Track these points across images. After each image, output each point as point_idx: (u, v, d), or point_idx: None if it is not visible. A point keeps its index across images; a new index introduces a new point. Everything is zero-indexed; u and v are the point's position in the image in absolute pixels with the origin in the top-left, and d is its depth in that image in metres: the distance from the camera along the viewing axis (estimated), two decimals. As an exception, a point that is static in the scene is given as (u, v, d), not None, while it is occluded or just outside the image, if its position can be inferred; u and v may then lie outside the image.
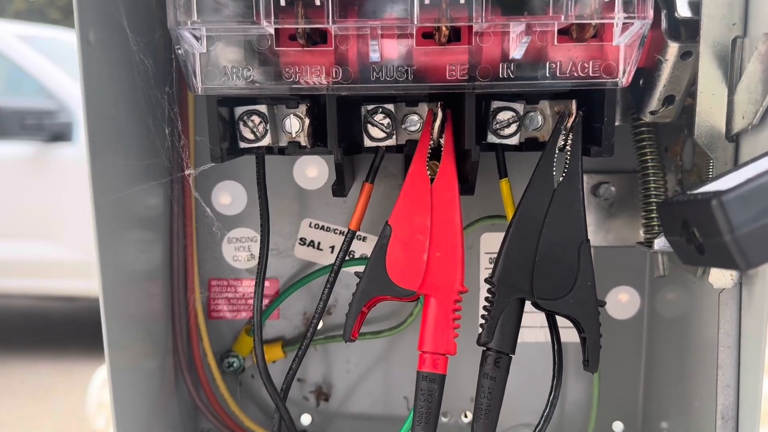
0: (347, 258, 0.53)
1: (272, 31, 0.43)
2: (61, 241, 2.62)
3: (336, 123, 0.48)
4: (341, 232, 0.64)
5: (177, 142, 0.51)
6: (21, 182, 2.65)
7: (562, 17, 0.42)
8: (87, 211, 0.44)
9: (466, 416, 0.68)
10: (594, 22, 0.42)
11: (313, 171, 0.62)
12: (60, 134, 2.63)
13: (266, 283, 0.64)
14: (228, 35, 0.44)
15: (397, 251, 0.47)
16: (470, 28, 0.43)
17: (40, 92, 2.72)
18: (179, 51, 0.43)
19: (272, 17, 0.42)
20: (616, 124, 0.53)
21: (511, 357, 0.46)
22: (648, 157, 0.54)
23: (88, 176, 0.43)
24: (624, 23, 0.42)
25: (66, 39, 3.30)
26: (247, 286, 0.65)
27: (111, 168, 0.47)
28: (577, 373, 0.67)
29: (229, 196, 0.63)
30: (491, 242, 0.64)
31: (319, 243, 0.64)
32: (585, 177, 0.61)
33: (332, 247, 0.64)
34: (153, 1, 0.48)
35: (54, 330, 3.23)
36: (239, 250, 0.64)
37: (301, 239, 0.64)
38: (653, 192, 0.54)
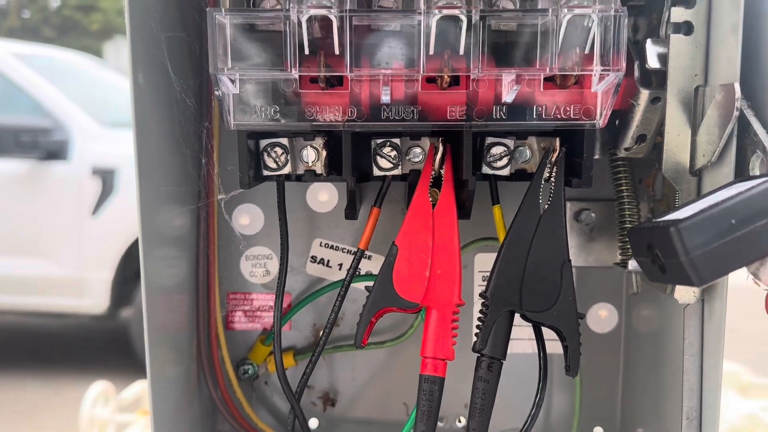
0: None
1: (297, 77, 0.50)
2: (54, 259, 2.64)
3: (350, 155, 0.54)
4: (348, 251, 0.70)
5: (212, 170, 0.57)
6: (14, 199, 2.68)
7: (548, 69, 0.49)
8: (80, 229, 0.49)
9: (459, 421, 0.73)
10: (575, 73, 0.49)
11: (324, 196, 0.68)
12: (55, 152, 2.64)
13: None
14: (259, 80, 0.50)
15: (403, 268, 0.53)
16: (468, 75, 0.50)
17: (36, 110, 2.74)
18: (217, 92, 0.50)
19: (298, 65, 0.49)
20: (596, 157, 0.60)
21: (502, 362, 0.53)
22: (623, 187, 0.61)
23: (137, 199, 0.50)
24: (601, 74, 0.49)
25: (61, 57, 3.35)
26: (262, 300, 0.70)
27: (154, 192, 0.53)
28: (561, 384, 0.73)
29: (248, 218, 0.69)
30: (484, 262, 0.70)
31: (328, 261, 0.70)
32: (568, 204, 0.67)
33: (340, 265, 0.70)
34: (197, 50, 0.54)
35: (44, 347, 3.24)
36: (256, 266, 0.70)
37: (312, 257, 0.70)
38: (628, 218, 0.61)
